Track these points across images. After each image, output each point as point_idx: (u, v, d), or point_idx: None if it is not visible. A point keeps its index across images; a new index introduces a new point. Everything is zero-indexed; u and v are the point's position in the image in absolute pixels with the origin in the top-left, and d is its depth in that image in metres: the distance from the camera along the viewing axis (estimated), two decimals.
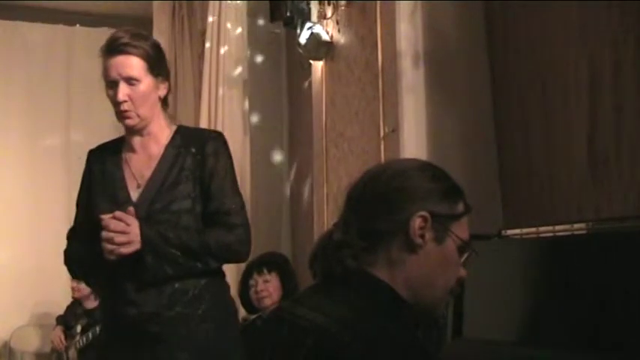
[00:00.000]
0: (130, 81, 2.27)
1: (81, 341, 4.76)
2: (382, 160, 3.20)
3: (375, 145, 3.31)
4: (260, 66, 5.11)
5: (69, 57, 6.07)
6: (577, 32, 2.63)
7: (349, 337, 1.20)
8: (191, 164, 2.33)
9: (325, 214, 3.88)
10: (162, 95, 2.38)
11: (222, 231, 2.30)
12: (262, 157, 4.97)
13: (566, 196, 2.67)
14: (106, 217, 2.20)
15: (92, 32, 6.00)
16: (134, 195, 2.32)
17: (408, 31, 3.00)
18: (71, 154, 5.84)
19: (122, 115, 2.31)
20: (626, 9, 2.40)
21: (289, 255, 4.59)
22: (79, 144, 5.75)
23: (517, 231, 2.29)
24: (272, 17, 4.60)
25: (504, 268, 2.17)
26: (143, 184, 2.33)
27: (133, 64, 2.28)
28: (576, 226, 2.07)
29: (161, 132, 2.39)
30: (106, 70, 2.30)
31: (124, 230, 2.19)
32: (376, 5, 3.38)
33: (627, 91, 2.41)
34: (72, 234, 2.46)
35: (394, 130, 3.07)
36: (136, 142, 2.38)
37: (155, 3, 5.60)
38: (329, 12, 3.89)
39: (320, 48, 3.93)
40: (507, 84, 3.01)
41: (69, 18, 6.11)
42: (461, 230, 1.36)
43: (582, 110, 2.59)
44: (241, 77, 4.70)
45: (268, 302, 3.77)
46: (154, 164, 2.35)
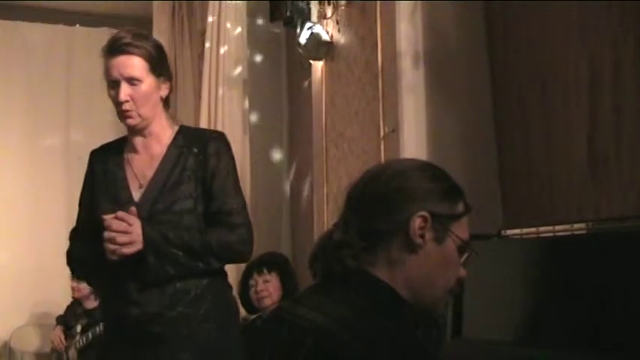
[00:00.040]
0: (132, 81, 2.27)
1: (81, 341, 4.75)
2: (382, 160, 3.19)
3: (375, 145, 3.31)
4: (260, 66, 5.11)
5: (69, 57, 6.07)
6: (577, 32, 2.63)
7: (349, 337, 1.20)
8: (193, 164, 2.33)
9: (325, 214, 3.88)
10: (163, 95, 2.38)
11: (224, 231, 2.30)
12: (262, 157, 4.97)
13: (566, 196, 2.67)
14: (108, 217, 2.20)
15: (92, 32, 6.00)
16: (136, 195, 2.32)
17: (408, 31, 3.00)
18: (71, 154, 5.83)
19: (123, 115, 2.31)
20: (626, 9, 2.40)
21: (289, 255, 4.59)
22: (79, 144, 5.76)
23: (517, 231, 2.29)
24: (272, 17, 4.60)
25: (504, 268, 2.17)
26: (145, 185, 2.33)
27: (135, 64, 2.28)
28: (576, 226, 2.07)
29: (163, 132, 2.39)
30: (108, 70, 2.29)
31: (126, 230, 2.19)
32: (376, 5, 3.38)
33: (627, 92, 2.41)
34: (74, 234, 2.46)
35: (394, 130, 3.07)
36: (138, 143, 2.38)
37: (155, 3, 5.60)
38: (329, 12, 3.89)
39: (320, 48, 3.93)
40: (507, 84, 3.01)
41: (69, 18, 6.10)
42: (461, 230, 1.36)
43: (582, 110, 2.59)
44: (241, 77, 4.70)
45: (268, 302, 3.77)
46: (156, 164, 2.35)
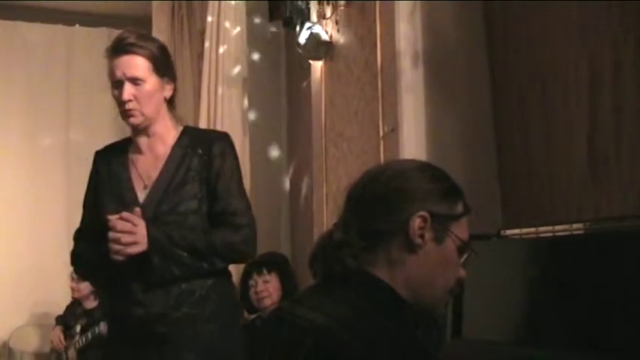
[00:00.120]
0: (135, 81, 2.28)
1: (80, 341, 4.75)
2: (382, 160, 3.20)
3: (375, 145, 3.31)
4: (259, 66, 5.10)
5: (68, 57, 6.07)
6: (577, 32, 2.63)
7: (349, 337, 1.20)
8: (197, 165, 2.33)
9: (325, 214, 3.88)
10: (167, 96, 2.38)
11: (228, 231, 2.30)
12: (261, 157, 4.97)
13: (565, 196, 2.67)
14: (113, 218, 2.21)
15: (92, 32, 6.01)
16: (141, 196, 2.33)
17: (408, 31, 3.00)
18: (71, 154, 5.84)
19: (126, 114, 2.31)
20: (626, 9, 2.40)
21: (289, 255, 4.59)
22: (79, 144, 5.76)
23: (516, 231, 2.28)
24: (271, 17, 4.60)
25: (504, 268, 2.16)
26: (150, 185, 2.33)
27: (138, 64, 2.28)
28: (575, 226, 2.07)
29: (167, 132, 2.39)
30: (112, 70, 2.30)
31: (131, 230, 2.19)
32: (375, 5, 3.37)
33: (627, 92, 2.41)
34: (78, 235, 2.46)
35: (393, 130, 3.07)
36: (143, 143, 2.38)
37: (154, 3, 5.59)
38: (328, 12, 3.88)
39: (319, 48, 3.93)
40: (507, 84, 3.00)
41: (68, 18, 6.10)
42: (460, 230, 1.36)
43: (582, 110, 2.59)
44: (240, 77, 4.70)
45: (268, 302, 3.77)
46: (161, 165, 2.35)
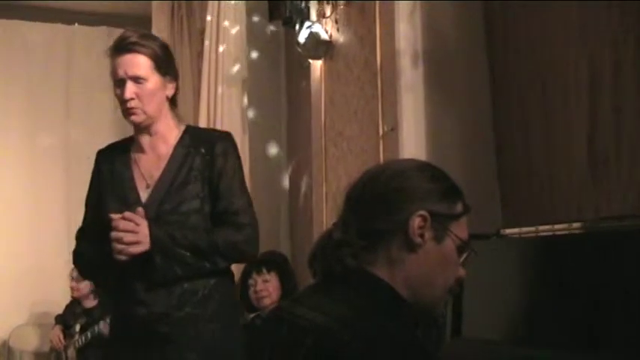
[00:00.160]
0: (137, 80, 2.28)
1: (80, 340, 4.75)
2: (381, 159, 3.20)
3: (374, 144, 3.31)
4: (259, 65, 5.10)
5: (68, 56, 6.06)
6: (577, 32, 2.63)
7: (349, 336, 1.20)
8: (200, 164, 2.33)
9: (324, 213, 3.88)
10: (169, 95, 2.38)
11: (230, 230, 2.30)
12: (261, 156, 4.97)
13: (565, 196, 2.67)
14: (116, 217, 2.21)
15: (91, 31, 6.01)
16: (143, 195, 2.33)
17: (407, 31, 2.99)
18: (70, 154, 5.83)
19: (128, 112, 2.31)
20: (626, 9, 2.40)
21: (288, 254, 4.59)
22: (79, 143, 5.76)
23: (516, 230, 2.29)
24: (271, 16, 4.60)
25: (503, 268, 2.16)
26: (152, 185, 2.33)
27: (141, 63, 2.28)
28: (575, 226, 2.07)
29: (169, 132, 2.39)
30: (114, 69, 2.30)
31: (133, 230, 2.19)
32: (375, 4, 3.37)
33: (627, 92, 2.41)
34: (81, 234, 2.46)
35: (393, 129, 3.07)
36: (145, 142, 2.38)
37: (154, 2, 5.59)
38: (328, 11, 3.88)
39: (319, 47, 3.92)
40: (507, 83, 3.00)
41: (68, 17, 6.10)
42: (460, 230, 1.36)
43: (582, 110, 2.59)
44: (240, 76, 4.70)
45: (267, 302, 3.76)
46: (163, 164, 2.35)
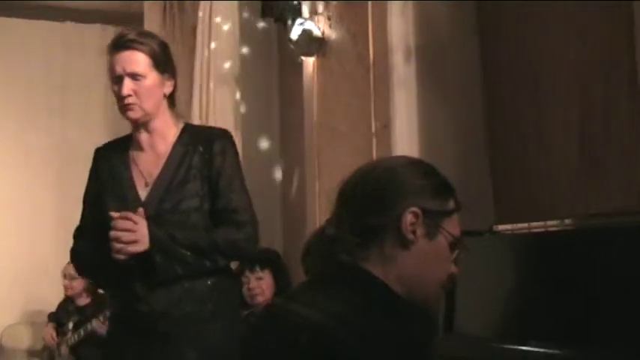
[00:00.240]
0: (135, 76, 2.27)
1: (73, 338, 4.74)
2: (374, 156, 3.20)
3: (367, 141, 3.31)
4: (251, 62, 5.08)
5: (60, 54, 6.03)
6: (569, 29, 2.63)
7: (345, 334, 1.20)
8: (199, 162, 2.33)
9: (317, 210, 3.88)
10: (167, 92, 2.37)
11: (230, 229, 2.30)
12: (254, 153, 4.95)
13: (558, 193, 2.67)
14: (115, 216, 2.20)
15: (84, 29, 5.98)
16: (142, 194, 2.32)
17: (400, 27, 2.99)
18: (64, 152, 5.80)
19: (125, 108, 2.30)
20: (618, 6, 2.40)
21: (281, 251, 4.58)
22: (73, 142, 5.73)
23: (508, 227, 2.29)
24: (263, 13, 4.59)
25: (496, 264, 2.17)
26: (151, 183, 2.33)
27: (139, 60, 2.28)
28: (567, 222, 2.08)
29: (168, 129, 2.39)
30: (112, 66, 2.30)
31: (131, 229, 2.18)
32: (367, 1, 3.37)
33: (619, 89, 2.41)
34: (78, 233, 2.45)
35: (386, 126, 3.07)
36: (143, 140, 2.38)
37: (146, 2, 5.57)
38: (320, 8, 3.88)
39: (311, 44, 3.92)
40: (499, 80, 3.00)
41: (60, 14, 6.07)
42: (452, 226, 1.37)
43: (574, 107, 2.59)
44: (232, 73, 4.68)
45: (261, 299, 3.76)
46: (162, 162, 2.35)
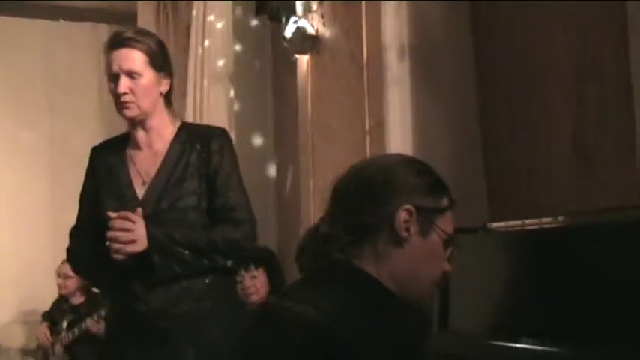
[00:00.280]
0: (131, 74, 2.27)
1: (67, 337, 4.73)
2: (368, 154, 3.20)
3: (361, 139, 3.32)
4: (245, 60, 5.08)
5: (52, 52, 6.01)
6: (562, 27, 2.63)
7: (339, 331, 1.21)
8: (196, 161, 2.33)
9: (311, 208, 3.88)
10: (164, 91, 2.37)
11: (228, 227, 2.30)
12: (248, 151, 4.95)
13: (551, 191, 2.68)
14: (113, 216, 2.20)
15: (76, 27, 5.96)
16: (140, 192, 2.32)
17: (394, 25, 2.99)
18: (54, 151, 5.80)
19: (122, 107, 2.30)
20: (610, 3, 2.41)
21: (275, 249, 4.58)
22: (63, 140, 5.73)
23: (502, 224, 2.29)
24: (257, 11, 4.58)
25: (490, 261, 2.17)
26: (149, 182, 2.32)
27: (135, 58, 2.27)
28: (561, 219, 2.08)
29: (165, 128, 2.38)
30: (109, 64, 2.29)
31: (129, 228, 2.18)
32: None
33: (612, 87, 2.42)
34: (75, 231, 2.44)
35: (380, 124, 3.07)
36: (140, 138, 2.37)
37: (139, 2, 5.57)
38: (314, 5, 3.88)
39: (305, 42, 3.92)
40: (493, 78, 3.00)
41: (53, 13, 6.05)
42: (446, 224, 1.37)
43: (568, 106, 2.60)
44: (226, 71, 4.68)
45: (255, 298, 3.75)
46: (159, 161, 2.34)
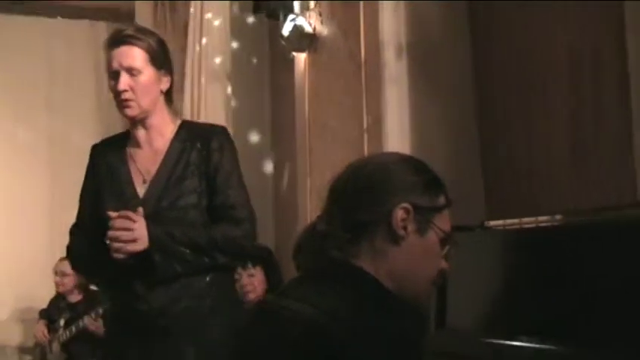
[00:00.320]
0: (131, 71, 2.26)
1: (64, 335, 4.73)
2: (365, 152, 3.20)
3: (359, 137, 3.31)
4: (243, 58, 5.08)
5: (50, 50, 5.99)
6: (559, 25, 2.64)
7: (337, 329, 1.21)
8: (196, 159, 2.32)
9: (308, 206, 3.88)
10: (164, 89, 2.36)
11: (228, 225, 2.29)
12: (245, 149, 4.93)
13: (548, 189, 2.68)
14: (113, 216, 2.19)
15: (73, 25, 5.95)
16: (140, 191, 2.31)
17: (391, 24, 2.99)
18: (52, 149, 5.78)
19: (123, 105, 2.29)
20: (605, 2, 2.41)
21: (273, 248, 4.58)
22: (60, 137, 5.71)
23: (500, 222, 2.30)
24: (255, 9, 4.58)
25: (487, 260, 2.18)
26: (149, 180, 2.32)
27: (135, 55, 2.27)
28: (558, 218, 2.08)
29: (165, 126, 2.38)
30: (109, 61, 2.29)
31: (130, 227, 2.17)
32: None
33: (607, 84, 2.42)
34: (75, 229, 2.43)
35: (377, 121, 3.07)
36: (141, 136, 2.37)
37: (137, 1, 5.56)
38: (312, 3, 3.88)
39: (303, 40, 3.91)
40: (490, 76, 3.01)
41: (50, 11, 6.04)
42: (443, 222, 1.37)
43: (564, 101, 2.60)
44: (224, 69, 4.68)
45: (252, 296, 3.75)
46: (160, 159, 2.34)
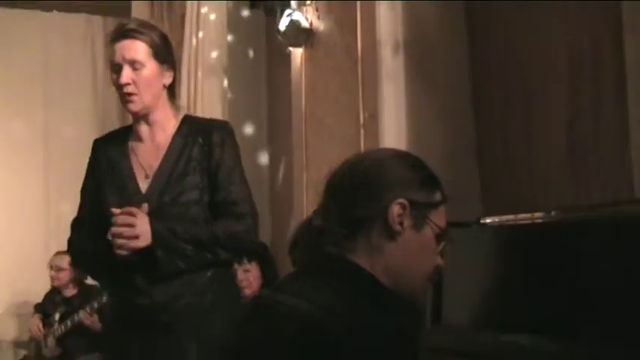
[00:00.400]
0: (134, 65, 2.26)
1: (59, 329, 4.73)
2: (362, 148, 3.20)
3: (355, 132, 3.31)
4: (239, 52, 5.07)
5: (46, 44, 5.98)
6: (557, 23, 2.64)
7: (333, 324, 1.21)
8: (198, 154, 2.32)
9: (305, 202, 3.88)
10: (167, 83, 2.35)
11: (230, 221, 2.29)
12: (241, 144, 4.89)
13: (545, 184, 2.69)
14: (116, 212, 2.19)
15: (69, 18, 5.94)
16: (143, 186, 2.31)
17: (388, 19, 2.99)
18: (48, 143, 5.77)
19: (125, 99, 2.29)
20: (608, 5, 2.41)
21: (269, 243, 4.58)
22: (56, 132, 5.70)
23: (496, 219, 2.30)
24: (252, 3, 4.58)
25: (483, 256, 2.18)
26: (151, 175, 2.31)
27: (138, 49, 2.26)
28: (554, 214, 2.09)
29: (167, 121, 2.37)
30: (112, 55, 2.29)
31: (132, 224, 2.17)
32: None
33: (606, 82, 2.42)
34: (76, 224, 2.43)
35: (372, 116, 3.07)
36: (143, 132, 2.36)
37: None
38: None
39: (299, 35, 3.91)
40: (487, 73, 3.01)
41: (46, 4, 6.02)
42: (439, 218, 1.37)
43: (561, 99, 2.61)
44: (220, 63, 4.68)
45: (248, 292, 3.75)
46: (162, 154, 2.33)
